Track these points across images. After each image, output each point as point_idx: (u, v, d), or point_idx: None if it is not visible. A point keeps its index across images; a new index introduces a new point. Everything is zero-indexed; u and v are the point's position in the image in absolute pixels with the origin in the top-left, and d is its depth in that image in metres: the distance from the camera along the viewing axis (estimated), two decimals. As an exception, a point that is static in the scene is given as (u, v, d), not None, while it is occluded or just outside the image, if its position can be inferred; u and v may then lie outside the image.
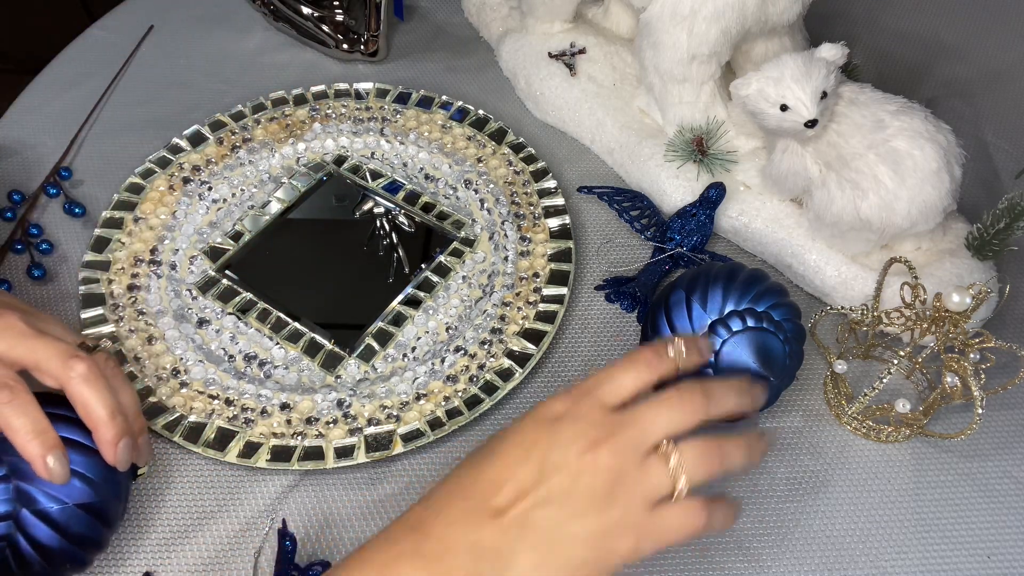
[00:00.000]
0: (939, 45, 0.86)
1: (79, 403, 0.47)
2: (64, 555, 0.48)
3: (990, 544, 0.55)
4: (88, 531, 0.48)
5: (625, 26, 0.79)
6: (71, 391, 0.47)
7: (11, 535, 0.46)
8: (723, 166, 0.69)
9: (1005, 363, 0.59)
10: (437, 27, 0.87)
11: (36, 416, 0.46)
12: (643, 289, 0.65)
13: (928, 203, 0.59)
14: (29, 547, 0.47)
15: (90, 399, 0.47)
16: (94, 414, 0.47)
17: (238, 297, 0.64)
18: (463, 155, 0.73)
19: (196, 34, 0.84)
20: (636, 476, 0.42)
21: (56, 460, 0.46)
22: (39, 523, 0.46)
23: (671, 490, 0.42)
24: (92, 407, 0.47)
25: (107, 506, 0.49)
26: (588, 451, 0.42)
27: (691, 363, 0.46)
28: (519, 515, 0.41)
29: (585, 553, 0.41)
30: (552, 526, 0.41)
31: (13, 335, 0.47)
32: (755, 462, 0.45)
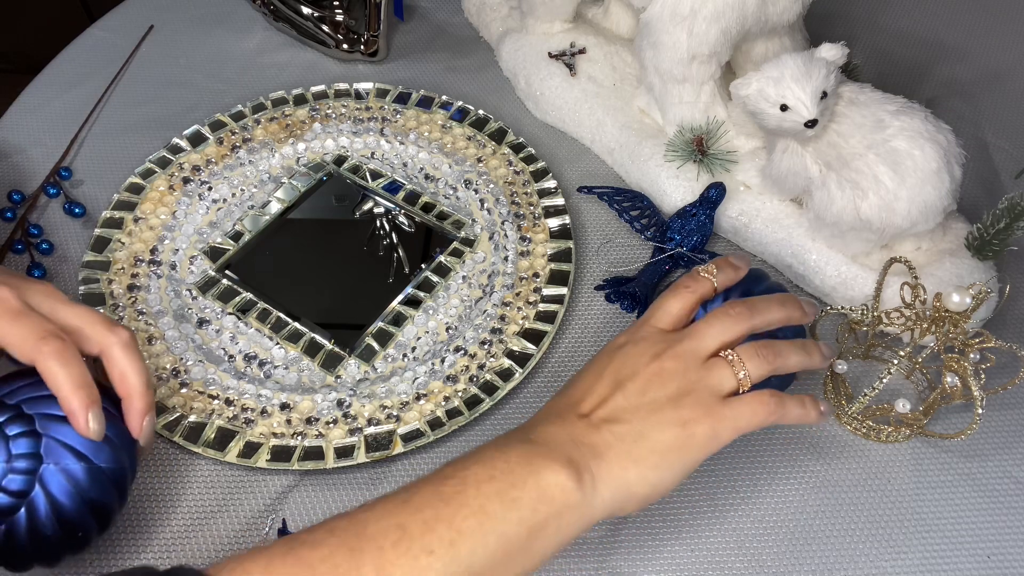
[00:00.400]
0: (939, 45, 0.86)
1: (119, 369, 0.48)
2: (77, 521, 0.47)
3: (990, 544, 0.55)
4: (104, 497, 0.47)
5: (625, 26, 0.79)
6: (113, 356, 0.48)
7: (31, 492, 0.46)
8: (723, 166, 0.69)
9: (1005, 363, 0.59)
10: (437, 27, 0.87)
11: (81, 370, 0.46)
12: (643, 289, 0.65)
13: (928, 203, 0.59)
14: (47, 506, 0.46)
15: (129, 367, 0.48)
16: (132, 382, 0.48)
17: (238, 297, 0.64)
18: (463, 155, 0.73)
19: (196, 34, 0.84)
20: (700, 374, 0.48)
21: (95, 417, 0.46)
22: (62, 480, 0.46)
23: (736, 384, 0.48)
24: (130, 375, 0.48)
25: (125, 475, 0.48)
26: (653, 360, 0.48)
27: (727, 279, 0.53)
28: (604, 415, 0.47)
29: (667, 438, 0.46)
30: (635, 421, 0.46)
31: (55, 300, 0.48)
32: (815, 362, 0.51)
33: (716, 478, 0.57)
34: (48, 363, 0.46)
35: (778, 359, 0.49)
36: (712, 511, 0.56)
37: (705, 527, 0.55)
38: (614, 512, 0.45)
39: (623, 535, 0.55)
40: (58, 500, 0.46)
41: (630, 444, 0.45)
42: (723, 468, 0.58)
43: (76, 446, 0.46)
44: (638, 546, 0.54)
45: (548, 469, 0.43)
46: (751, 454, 0.58)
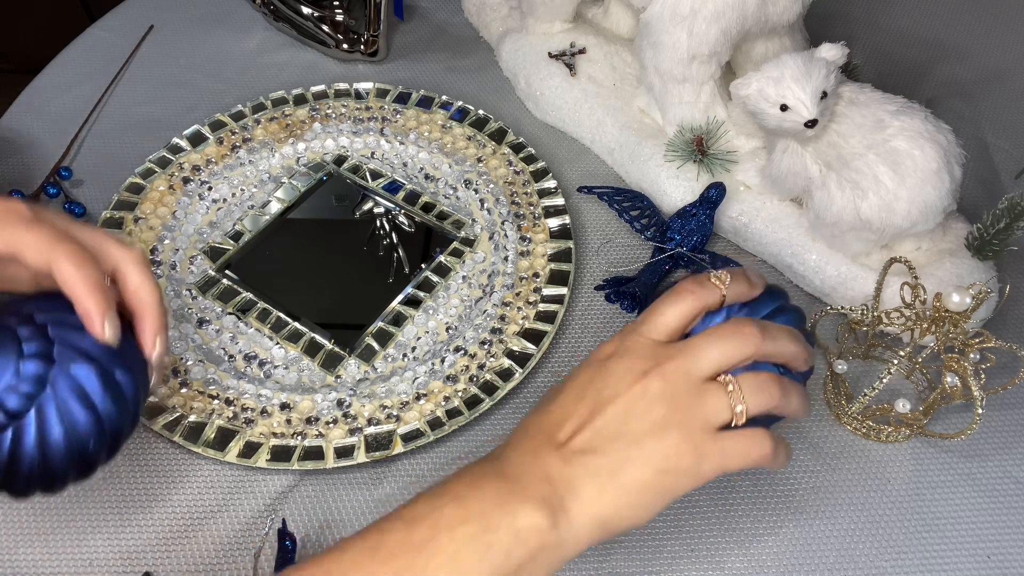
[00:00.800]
0: (939, 45, 0.86)
1: (133, 284, 0.47)
2: (84, 440, 0.45)
3: (990, 544, 0.55)
4: (114, 418, 0.46)
5: (625, 26, 0.79)
6: (127, 271, 0.47)
7: (39, 397, 0.44)
8: (723, 166, 0.69)
9: (1005, 363, 0.59)
10: (437, 27, 0.87)
11: (98, 274, 0.45)
12: (643, 289, 0.65)
13: (928, 203, 0.59)
14: (57, 419, 0.44)
15: (143, 283, 0.47)
16: (145, 297, 0.47)
17: (238, 297, 0.64)
18: (463, 155, 0.73)
19: (196, 34, 0.84)
20: (690, 401, 0.43)
21: (111, 321, 0.45)
22: (73, 395, 0.44)
23: (730, 417, 0.43)
24: (144, 291, 0.47)
25: (136, 398, 0.47)
26: (638, 381, 0.43)
27: (738, 292, 0.47)
28: (579, 446, 0.43)
29: (645, 476, 0.42)
30: (611, 453, 0.42)
31: (67, 220, 0.47)
32: (805, 413, 0.46)
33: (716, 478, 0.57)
34: (63, 264, 0.44)
35: (783, 399, 0.44)
36: (712, 511, 0.56)
37: (705, 527, 0.55)
38: (590, 545, 0.42)
39: (623, 535, 0.55)
40: (69, 414, 0.44)
41: (606, 480, 0.42)
42: (723, 468, 0.58)
43: (91, 352, 0.45)
44: (638, 546, 0.54)
45: (523, 511, 0.41)
46: (751, 454, 0.58)
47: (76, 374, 0.45)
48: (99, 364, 0.45)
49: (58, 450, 0.45)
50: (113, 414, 0.46)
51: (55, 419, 0.44)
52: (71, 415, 0.45)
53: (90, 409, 0.45)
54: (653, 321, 0.46)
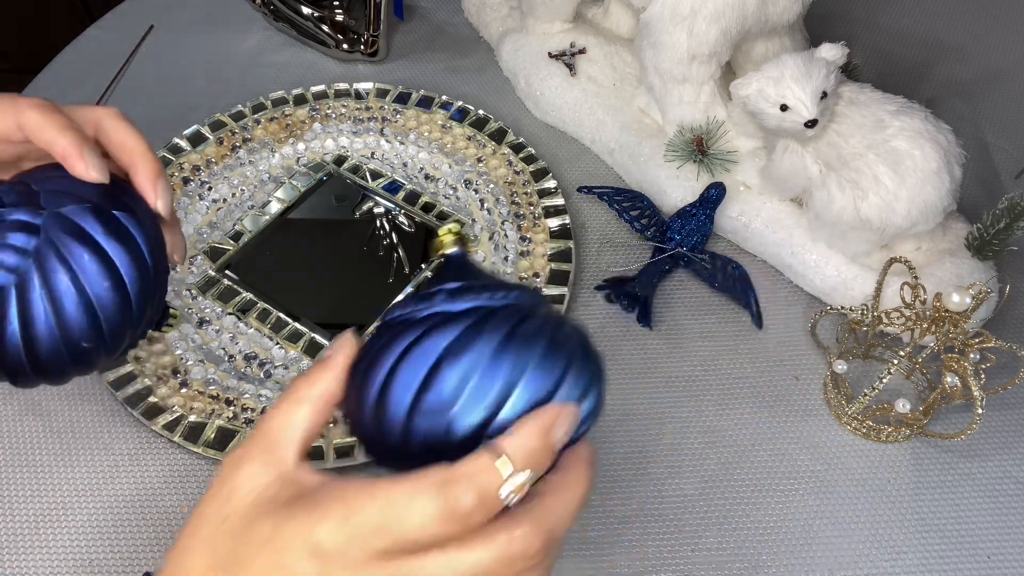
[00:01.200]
0: (939, 45, 0.86)
1: (117, 138, 0.44)
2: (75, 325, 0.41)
3: (990, 544, 0.55)
4: (128, 258, 0.42)
5: (625, 26, 0.79)
6: (108, 127, 0.44)
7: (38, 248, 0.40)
8: (723, 166, 0.69)
9: (1005, 363, 0.59)
10: (437, 27, 0.87)
11: (69, 120, 0.42)
12: (643, 289, 0.65)
13: (928, 203, 0.59)
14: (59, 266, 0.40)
15: (127, 134, 0.44)
16: (133, 146, 0.44)
17: (238, 297, 0.64)
18: (463, 155, 0.73)
19: (196, 34, 0.84)
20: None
21: (91, 155, 0.42)
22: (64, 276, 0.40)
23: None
24: (130, 141, 0.44)
25: (149, 245, 0.43)
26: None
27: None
28: None
29: None
30: None
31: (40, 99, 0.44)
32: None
33: (716, 478, 0.57)
34: (29, 114, 0.41)
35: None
36: (712, 511, 0.56)
37: (705, 527, 0.55)
38: None
39: (623, 534, 0.55)
40: (74, 259, 0.40)
41: None
42: (723, 468, 0.58)
43: (84, 195, 0.41)
44: (638, 546, 0.54)
45: None
46: (751, 454, 0.58)
47: (71, 218, 0.41)
48: (93, 205, 0.41)
49: (72, 308, 0.40)
50: (124, 259, 0.41)
51: (59, 271, 0.40)
52: (77, 261, 0.40)
53: (96, 254, 0.40)
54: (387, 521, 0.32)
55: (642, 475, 0.57)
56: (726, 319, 0.65)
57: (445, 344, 0.34)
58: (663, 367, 0.62)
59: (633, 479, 0.57)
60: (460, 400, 0.33)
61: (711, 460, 0.58)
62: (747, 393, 0.61)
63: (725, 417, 0.60)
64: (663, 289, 0.67)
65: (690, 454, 0.58)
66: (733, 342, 0.64)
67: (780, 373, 0.62)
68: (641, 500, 0.56)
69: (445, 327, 0.34)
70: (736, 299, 0.66)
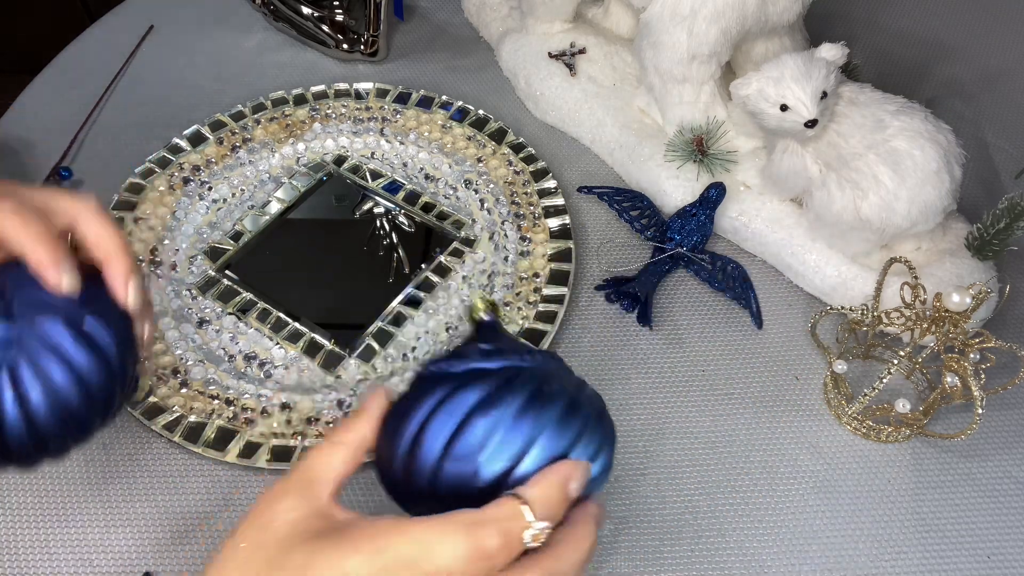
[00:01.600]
0: (939, 45, 0.86)
1: (93, 233, 0.45)
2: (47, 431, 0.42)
3: (990, 544, 0.55)
4: (96, 364, 0.43)
5: (625, 26, 0.79)
6: (84, 220, 0.45)
7: (8, 358, 0.41)
8: (723, 166, 0.69)
9: (1005, 363, 0.59)
10: (437, 27, 0.87)
11: (47, 227, 0.42)
12: (643, 289, 0.65)
13: (928, 203, 0.59)
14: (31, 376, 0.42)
15: (103, 230, 0.45)
16: (108, 244, 0.44)
17: (238, 297, 0.64)
18: (463, 155, 0.73)
19: (196, 34, 0.84)
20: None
21: (67, 269, 0.42)
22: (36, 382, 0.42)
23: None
24: (105, 237, 0.44)
25: (120, 347, 0.44)
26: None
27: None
28: None
29: None
30: None
31: (16, 186, 0.45)
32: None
33: (716, 478, 0.57)
34: (5, 220, 0.41)
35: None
36: (712, 511, 0.56)
37: (705, 527, 0.55)
38: None
39: (623, 535, 0.55)
40: (43, 371, 0.42)
41: None
42: (723, 468, 0.58)
43: (54, 304, 0.42)
44: (638, 546, 0.54)
45: None
46: (751, 454, 0.58)
47: (42, 329, 0.42)
48: (64, 314, 0.42)
49: (41, 410, 0.42)
50: (92, 367, 0.43)
51: (30, 377, 0.42)
52: (45, 371, 0.42)
53: (65, 364, 0.42)
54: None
55: (642, 475, 0.57)
56: (726, 319, 0.65)
57: (477, 398, 0.37)
58: (663, 367, 0.62)
59: (633, 479, 0.57)
60: (488, 449, 0.37)
61: (711, 460, 0.58)
62: (747, 393, 0.61)
63: (725, 417, 0.60)
64: (663, 289, 0.67)
65: (690, 454, 0.58)
66: (733, 342, 0.64)
67: (780, 373, 0.62)
68: (641, 500, 0.56)
69: (477, 383, 0.38)
70: (736, 299, 0.66)
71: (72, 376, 0.43)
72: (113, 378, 0.45)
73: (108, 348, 0.44)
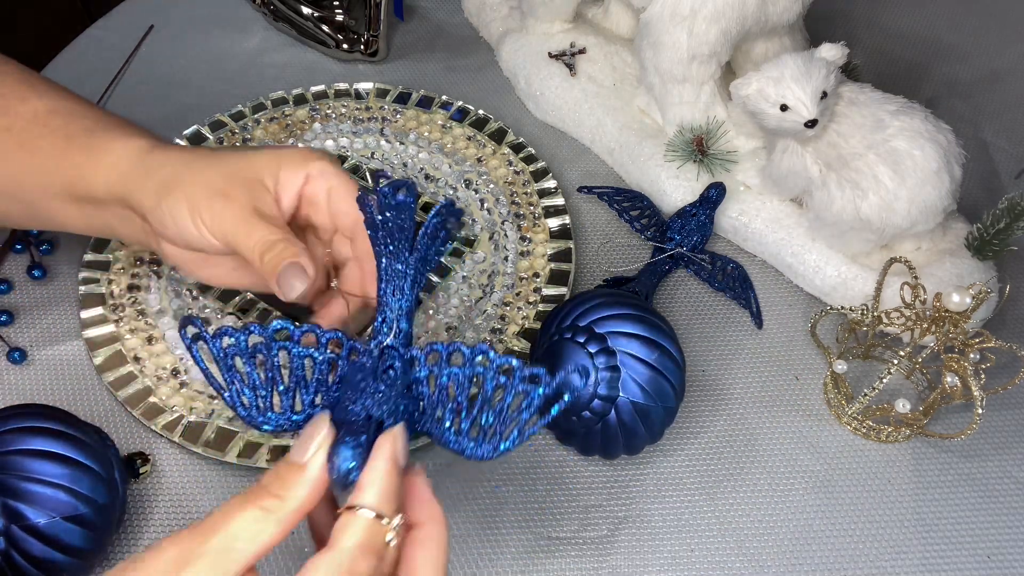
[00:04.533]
0: (939, 45, 0.86)
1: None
2: (61, 565, 0.47)
3: (990, 544, 0.55)
4: (80, 542, 0.48)
5: (625, 26, 0.79)
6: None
7: (5, 550, 0.46)
8: (723, 166, 0.69)
9: (1005, 363, 0.59)
10: (437, 27, 0.87)
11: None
12: (643, 289, 0.65)
13: (928, 203, 0.59)
14: (24, 561, 0.46)
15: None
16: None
17: (238, 297, 0.64)
18: (463, 155, 0.73)
19: (196, 34, 0.84)
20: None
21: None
22: (30, 538, 0.46)
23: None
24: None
25: (98, 516, 0.48)
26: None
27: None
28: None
29: None
30: None
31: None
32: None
33: (716, 478, 0.57)
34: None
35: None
36: (712, 511, 0.56)
37: (705, 527, 0.55)
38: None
39: (623, 535, 0.55)
40: (33, 555, 0.46)
41: None
42: (723, 468, 0.58)
43: (36, 504, 0.46)
44: (638, 546, 0.54)
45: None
46: (751, 454, 0.58)
47: (29, 523, 0.46)
48: (47, 514, 0.47)
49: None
50: (79, 546, 0.48)
51: (22, 560, 0.47)
52: (36, 557, 0.47)
53: (54, 548, 0.47)
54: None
55: (641, 475, 0.57)
56: (726, 319, 0.65)
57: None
58: (663, 367, 0.62)
59: (632, 479, 0.57)
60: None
61: (711, 460, 0.58)
62: (747, 393, 0.61)
63: (725, 417, 0.60)
64: (663, 289, 0.67)
65: (689, 454, 0.58)
66: (733, 342, 0.64)
67: (780, 373, 0.62)
68: (641, 500, 0.56)
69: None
70: (736, 299, 0.66)
71: (53, 552, 0.48)
72: (97, 535, 0.49)
73: (89, 518, 0.48)
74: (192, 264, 0.52)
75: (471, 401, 0.39)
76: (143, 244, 0.53)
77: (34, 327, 0.63)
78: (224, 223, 0.47)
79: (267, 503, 0.34)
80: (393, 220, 0.42)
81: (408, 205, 0.42)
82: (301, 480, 0.35)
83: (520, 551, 0.54)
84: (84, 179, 0.50)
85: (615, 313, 0.53)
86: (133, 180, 0.49)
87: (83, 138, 0.51)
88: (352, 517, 0.34)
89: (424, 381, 0.40)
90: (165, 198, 0.48)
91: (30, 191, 0.52)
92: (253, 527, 0.34)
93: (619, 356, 0.52)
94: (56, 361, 0.61)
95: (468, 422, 0.39)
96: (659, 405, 0.53)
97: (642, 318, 0.53)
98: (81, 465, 0.48)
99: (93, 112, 0.53)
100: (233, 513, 0.34)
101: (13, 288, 0.65)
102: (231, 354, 0.40)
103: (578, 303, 0.55)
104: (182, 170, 0.48)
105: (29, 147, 0.51)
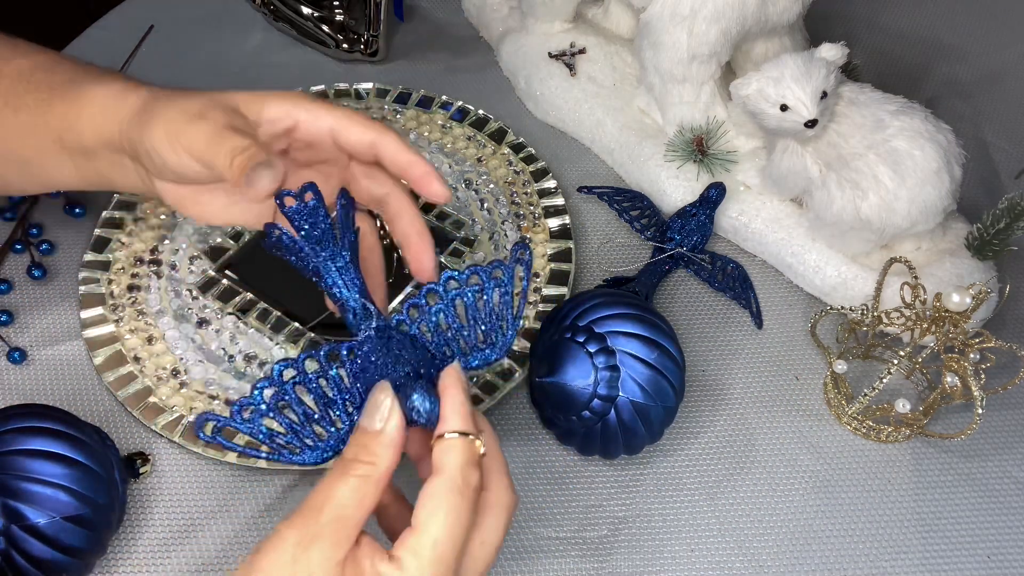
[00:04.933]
0: (939, 45, 0.86)
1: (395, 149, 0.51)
2: (61, 565, 0.47)
3: (990, 544, 0.55)
4: (80, 542, 0.48)
5: (625, 26, 0.79)
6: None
7: (5, 550, 0.46)
8: (723, 166, 0.69)
9: (1005, 363, 0.59)
10: (437, 27, 0.87)
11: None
12: (643, 289, 0.65)
13: (928, 203, 0.59)
14: (24, 560, 0.46)
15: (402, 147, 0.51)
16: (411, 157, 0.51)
17: (238, 297, 0.64)
18: (463, 155, 0.73)
19: (196, 34, 0.84)
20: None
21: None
22: (30, 538, 0.46)
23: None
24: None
25: (98, 516, 0.48)
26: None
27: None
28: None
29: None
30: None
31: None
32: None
33: (716, 478, 0.57)
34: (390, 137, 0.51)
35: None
36: (712, 511, 0.56)
37: (705, 527, 0.55)
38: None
39: (623, 535, 0.55)
40: (33, 555, 0.46)
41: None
42: (723, 468, 0.58)
43: (36, 503, 0.47)
44: (638, 546, 0.54)
45: None
46: (751, 454, 0.58)
47: (29, 523, 0.47)
48: (47, 514, 0.47)
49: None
50: (79, 545, 0.48)
51: (21, 560, 0.47)
52: (36, 557, 0.47)
53: (54, 548, 0.47)
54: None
55: (641, 475, 0.57)
56: (726, 319, 0.65)
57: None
58: (663, 367, 0.62)
59: (632, 479, 0.57)
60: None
61: (711, 460, 0.58)
62: (747, 393, 0.61)
63: (725, 417, 0.60)
64: (663, 289, 0.67)
65: (689, 454, 0.58)
66: (733, 342, 0.64)
67: (780, 373, 0.62)
68: (641, 500, 0.56)
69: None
70: (736, 299, 0.66)
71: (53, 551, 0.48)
72: (97, 534, 0.50)
73: (88, 517, 0.49)
74: (188, 202, 0.52)
75: (464, 321, 0.45)
76: (141, 191, 0.54)
77: (34, 327, 0.63)
78: (199, 141, 0.47)
79: (361, 470, 0.38)
80: (310, 228, 0.45)
81: (319, 205, 0.45)
82: (384, 442, 0.39)
83: (520, 551, 0.54)
84: (72, 129, 0.51)
85: (615, 313, 0.53)
86: (118, 121, 0.50)
87: (66, 88, 0.51)
88: (448, 442, 0.39)
89: (419, 330, 0.45)
90: (145, 129, 0.48)
91: (22, 150, 0.53)
92: (357, 494, 0.38)
93: (619, 356, 0.52)
94: (56, 361, 0.61)
95: (473, 336, 0.45)
96: (659, 405, 0.53)
97: (642, 318, 0.54)
98: (81, 465, 0.48)
99: (73, 63, 0.54)
100: (335, 486, 0.38)
101: (13, 288, 0.65)
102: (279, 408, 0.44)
103: (578, 303, 0.55)
104: (163, 102, 0.49)
105: (15, 104, 0.52)
